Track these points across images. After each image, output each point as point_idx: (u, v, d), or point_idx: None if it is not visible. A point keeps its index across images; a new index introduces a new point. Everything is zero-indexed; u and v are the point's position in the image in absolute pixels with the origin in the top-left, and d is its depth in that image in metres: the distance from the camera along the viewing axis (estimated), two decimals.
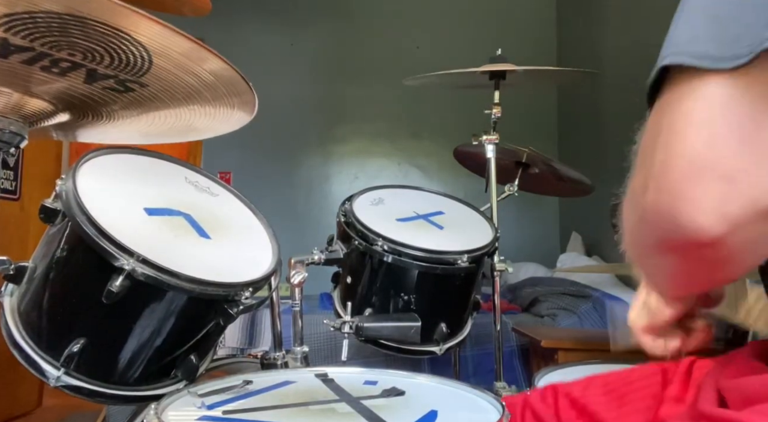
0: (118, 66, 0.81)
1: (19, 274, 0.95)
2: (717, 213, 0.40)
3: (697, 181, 0.41)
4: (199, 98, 0.90)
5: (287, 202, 4.30)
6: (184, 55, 0.79)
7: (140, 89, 0.88)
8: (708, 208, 0.40)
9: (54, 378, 0.90)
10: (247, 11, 4.26)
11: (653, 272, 0.54)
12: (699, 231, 0.41)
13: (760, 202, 0.40)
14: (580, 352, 1.73)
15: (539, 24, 4.57)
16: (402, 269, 1.30)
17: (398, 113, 4.42)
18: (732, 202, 0.40)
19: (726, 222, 0.40)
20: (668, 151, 0.42)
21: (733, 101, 0.40)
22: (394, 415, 0.78)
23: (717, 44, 0.41)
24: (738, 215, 0.40)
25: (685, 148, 0.41)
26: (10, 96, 0.88)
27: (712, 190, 0.40)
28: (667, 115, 0.43)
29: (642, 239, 0.48)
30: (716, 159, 0.40)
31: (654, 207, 0.43)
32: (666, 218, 0.43)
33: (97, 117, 0.99)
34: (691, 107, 0.41)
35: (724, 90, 0.41)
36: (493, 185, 1.77)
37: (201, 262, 0.96)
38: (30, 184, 2.93)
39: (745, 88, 0.40)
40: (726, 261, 0.45)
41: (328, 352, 2.11)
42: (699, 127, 0.41)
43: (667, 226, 0.43)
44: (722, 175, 0.40)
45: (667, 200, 0.42)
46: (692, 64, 0.41)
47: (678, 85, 0.42)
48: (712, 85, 0.41)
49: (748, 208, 0.40)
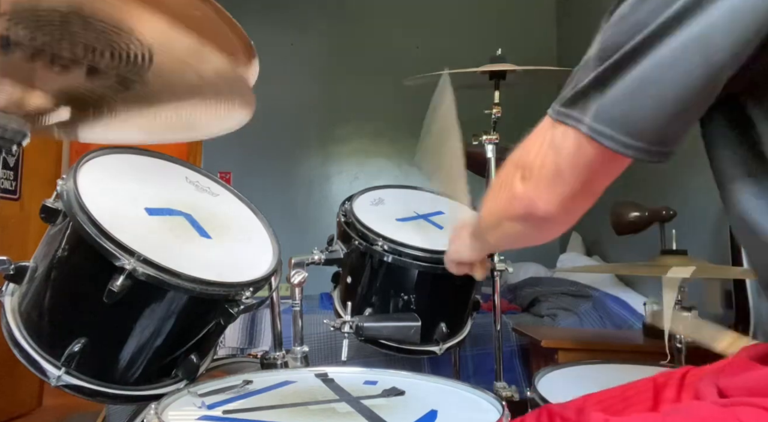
0: (119, 62, 0.82)
1: (20, 274, 0.95)
2: (560, 205, 0.66)
3: (552, 188, 0.66)
4: (199, 95, 0.90)
5: (287, 202, 4.30)
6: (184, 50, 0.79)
7: (141, 86, 0.88)
8: (554, 202, 0.66)
9: (55, 378, 0.90)
10: (247, 11, 4.26)
11: (500, 232, 0.77)
12: (546, 213, 0.66)
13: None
14: (580, 352, 1.73)
15: (539, 24, 4.56)
16: (402, 269, 1.30)
17: (398, 113, 4.41)
18: (567, 201, 0.66)
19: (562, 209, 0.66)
20: (542, 162, 0.65)
21: (576, 151, 0.62)
22: (394, 415, 0.78)
23: (568, 105, 0.62)
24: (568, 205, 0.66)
25: (551, 165, 0.64)
26: (13, 93, 0.88)
27: (558, 195, 0.66)
28: (550, 139, 0.64)
29: (503, 211, 0.73)
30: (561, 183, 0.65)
31: (523, 196, 0.68)
32: (530, 204, 0.67)
33: (98, 114, 0.99)
34: (561, 141, 0.63)
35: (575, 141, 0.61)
36: None
37: (201, 262, 0.96)
38: (30, 184, 2.93)
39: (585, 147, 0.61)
40: (552, 228, 0.71)
41: (328, 352, 2.11)
42: (560, 158, 0.63)
43: (529, 208, 0.67)
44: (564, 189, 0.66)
45: (534, 195, 0.66)
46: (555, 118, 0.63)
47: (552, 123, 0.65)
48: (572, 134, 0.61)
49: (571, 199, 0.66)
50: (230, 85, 0.87)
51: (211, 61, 0.81)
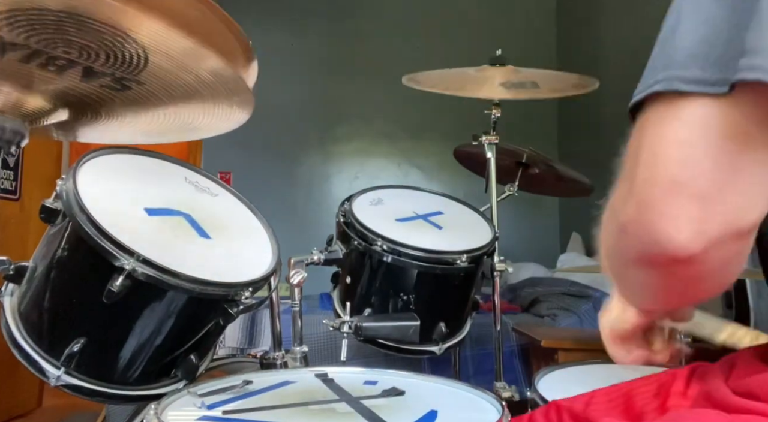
0: (114, 63, 0.81)
1: (20, 274, 0.95)
2: (694, 231, 0.42)
3: (674, 199, 0.42)
4: (197, 96, 0.90)
5: (287, 202, 4.30)
6: (181, 53, 0.79)
7: (137, 87, 0.88)
8: (685, 226, 0.42)
9: (54, 378, 0.90)
10: (247, 11, 4.26)
11: (628, 284, 0.55)
12: (676, 247, 0.42)
13: (735, 223, 0.42)
14: (580, 352, 1.72)
15: (539, 24, 4.57)
16: (401, 269, 1.30)
17: (398, 113, 4.42)
18: (707, 222, 0.42)
19: (702, 240, 0.42)
20: (649, 168, 0.43)
21: (713, 124, 0.41)
22: (394, 415, 0.78)
23: (703, 65, 0.41)
24: (713, 234, 0.42)
25: (663, 168, 0.42)
26: (10, 94, 0.88)
27: (688, 208, 0.42)
28: (648, 134, 0.44)
29: (620, 252, 0.49)
30: (692, 178, 0.41)
31: (634, 221, 0.45)
32: (645, 233, 0.44)
33: (96, 115, 0.99)
34: (672, 127, 0.42)
35: (705, 112, 0.41)
36: (493, 185, 1.77)
37: (201, 262, 0.96)
38: (30, 184, 2.93)
39: (726, 112, 0.41)
40: (700, 278, 0.46)
41: (327, 352, 2.11)
42: (677, 148, 0.42)
43: (646, 241, 0.44)
44: (698, 195, 0.41)
45: (647, 216, 0.43)
46: (682, 90, 0.42)
47: (661, 104, 0.43)
48: (694, 106, 0.41)
49: (724, 228, 0.42)
50: (228, 86, 0.87)
51: (208, 62, 0.81)
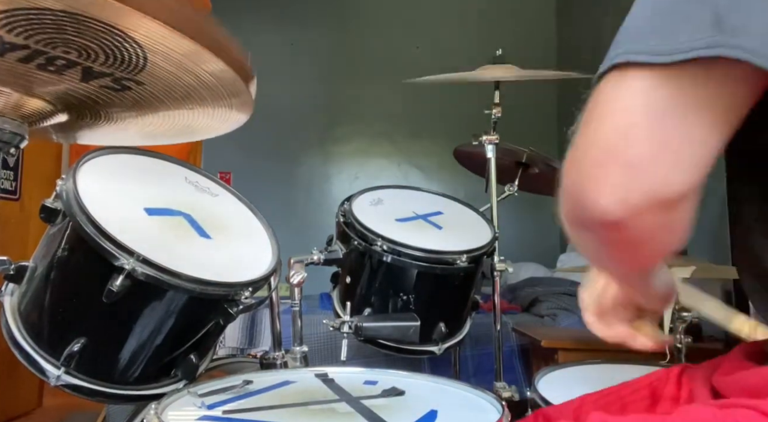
0: (113, 63, 0.81)
1: (20, 274, 0.95)
2: (617, 198, 0.43)
3: (604, 165, 0.43)
4: (197, 97, 0.90)
5: (287, 202, 4.30)
6: (180, 53, 0.79)
7: (137, 88, 0.88)
8: (609, 193, 0.43)
9: (54, 378, 0.90)
10: (247, 11, 4.26)
11: (578, 246, 0.55)
12: (601, 212, 0.44)
13: (658, 194, 0.42)
14: (580, 352, 1.72)
15: (539, 24, 4.57)
16: (401, 269, 1.30)
17: (398, 113, 4.42)
18: (632, 190, 0.42)
19: (625, 207, 0.43)
20: (587, 135, 0.45)
21: (655, 93, 0.42)
22: (394, 415, 0.78)
23: (658, 36, 0.42)
24: (636, 203, 0.43)
25: (600, 133, 0.44)
26: (10, 95, 0.88)
27: (615, 175, 0.43)
28: (598, 102, 0.45)
29: (564, 214, 0.50)
30: (623, 146, 0.42)
31: (571, 185, 0.46)
32: (577, 196, 0.45)
33: (96, 117, 0.99)
34: (616, 96, 0.43)
35: (649, 83, 0.42)
36: (493, 185, 1.77)
37: (201, 262, 0.96)
38: (30, 184, 2.93)
39: (670, 84, 0.42)
40: (631, 243, 0.47)
41: (327, 352, 2.11)
42: (616, 115, 0.43)
43: (577, 204, 0.46)
44: (626, 163, 0.42)
45: (578, 180, 0.45)
46: (636, 61, 0.42)
47: (614, 76, 0.44)
48: (640, 77, 0.42)
49: (646, 198, 0.43)
50: (228, 87, 0.87)
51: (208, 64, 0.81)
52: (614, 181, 0.43)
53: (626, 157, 0.42)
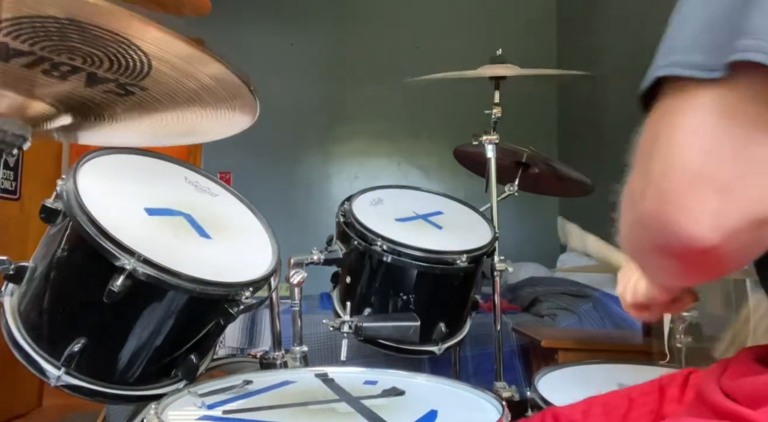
0: (117, 70, 0.82)
1: (20, 274, 0.95)
2: (713, 224, 0.41)
3: (693, 191, 0.41)
4: (200, 101, 0.90)
5: (287, 202, 4.30)
6: (184, 59, 0.79)
7: (140, 92, 0.88)
8: (704, 219, 0.41)
9: (54, 378, 0.90)
10: (247, 11, 4.26)
11: (647, 269, 0.54)
12: (695, 241, 0.42)
13: (754, 213, 0.41)
14: (580, 352, 1.73)
15: (539, 24, 4.56)
16: (401, 269, 1.30)
17: (398, 113, 4.42)
18: (727, 214, 0.41)
19: (721, 232, 0.41)
20: (666, 161, 0.42)
21: (726, 111, 0.41)
22: (394, 415, 0.78)
23: (707, 53, 0.41)
24: (733, 226, 0.41)
25: (682, 158, 0.42)
26: (14, 99, 0.89)
27: (708, 201, 0.41)
28: (664, 124, 0.43)
29: (640, 242, 0.48)
30: (712, 170, 0.41)
31: (652, 214, 0.44)
32: (663, 226, 0.43)
33: (99, 119, 0.99)
34: (686, 117, 0.42)
35: (716, 100, 0.41)
36: (493, 185, 1.77)
37: (201, 262, 0.96)
38: (30, 184, 2.93)
39: (736, 98, 0.40)
40: (719, 264, 0.46)
41: (328, 352, 2.11)
42: (694, 137, 0.41)
43: (664, 234, 0.43)
44: (718, 187, 0.41)
45: (665, 209, 0.43)
46: (685, 75, 0.41)
47: (674, 94, 0.42)
48: (705, 95, 0.41)
49: (742, 219, 0.41)
50: (231, 92, 0.87)
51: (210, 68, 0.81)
52: (708, 207, 0.41)
53: (716, 180, 0.41)
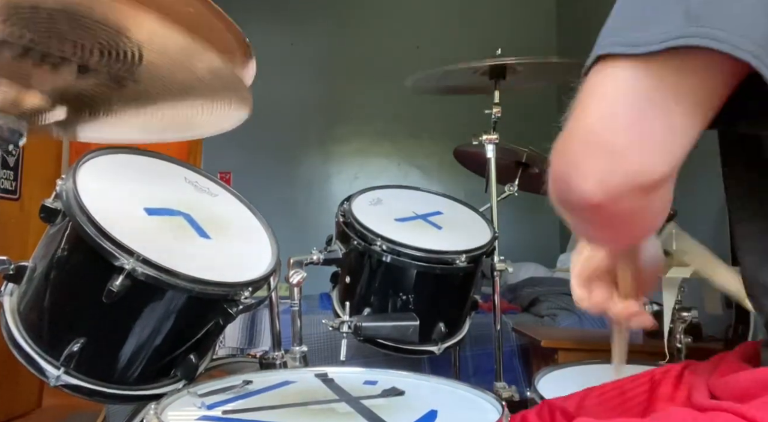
0: (108, 59, 0.81)
1: (19, 274, 0.95)
2: (598, 182, 0.45)
3: (585, 152, 0.46)
4: (194, 94, 0.90)
5: (287, 202, 4.30)
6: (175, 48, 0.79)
7: (134, 84, 0.88)
8: (591, 177, 0.46)
9: (54, 378, 0.90)
10: (247, 11, 4.26)
11: (568, 222, 0.58)
12: (583, 196, 0.46)
13: (637, 179, 0.45)
14: (580, 352, 1.72)
15: (539, 24, 4.57)
16: (400, 269, 1.30)
17: (398, 113, 4.42)
18: (612, 175, 0.45)
19: (605, 191, 0.45)
20: (575, 123, 0.47)
21: (636, 83, 0.44)
22: (394, 415, 0.78)
23: (637, 29, 0.44)
24: (616, 187, 0.45)
25: (584, 121, 0.46)
26: (8, 92, 0.88)
27: (597, 161, 0.45)
28: (583, 92, 0.47)
29: (552, 195, 0.53)
30: (606, 134, 0.45)
31: (556, 169, 0.50)
32: (561, 181, 0.49)
33: (94, 113, 0.99)
34: (599, 85, 0.46)
35: (630, 72, 0.44)
36: (493, 185, 1.77)
37: (200, 262, 0.96)
38: (30, 184, 2.93)
39: (649, 74, 0.44)
40: (612, 224, 0.51)
41: (328, 352, 2.11)
42: (599, 104, 0.46)
43: (562, 188, 0.49)
44: (607, 150, 0.45)
45: (564, 165, 0.48)
46: (619, 52, 0.45)
47: (601, 66, 0.46)
48: (621, 67, 0.45)
49: (626, 183, 0.45)
50: (226, 84, 0.86)
51: (205, 60, 0.80)
52: (596, 167, 0.45)
53: (608, 144, 0.45)
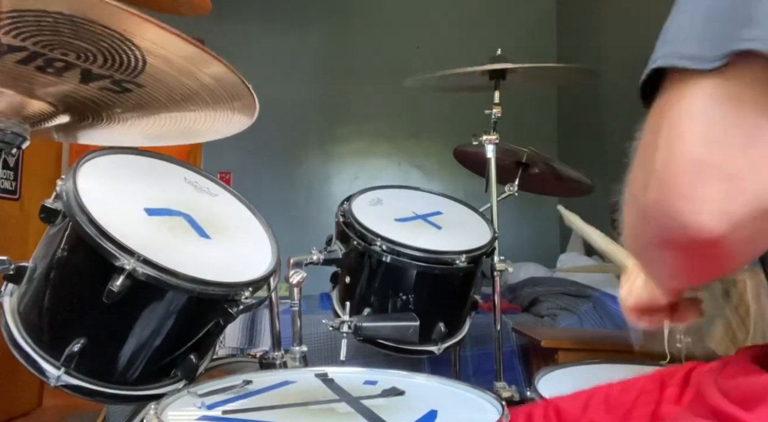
0: (111, 66, 0.81)
1: (19, 274, 0.95)
2: (719, 212, 0.40)
3: (698, 180, 0.41)
4: (198, 100, 0.90)
5: (287, 202, 4.30)
6: (179, 56, 0.79)
7: (137, 90, 0.88)
8: (710, 208, 0.41)
9: (54, 378, 0.90)
10: (247, 11, 4.26)
11: (654, 266, 0.54)
12: (702, 230, 0.41)
13: (761, 202, 0.41)
14: (580, 352, 1.72)
15: (539, 24, 4.57)
16: (400, 269, 1.30)
17: (398, 113, 4.42)
18: (733, 201, 0.40)
19: (728, 221, 0.41)
20: (669, 150, 0.42)
21: (728, 100, 0.40)
22: (394, 415, 0.78)
23: (706, 44, 0.41)
24: (739, 214, 0.41)
25: (685, 147, 0.41)
26: (12, 97, 0.88)
27: (713, 189, 0.40)
28: (666, 115, 0.43)
29: (643, 236, 0.48)
30: (716, 158, 0.40)
31: (656, 205, 0.43)
32: (668, 217, 0.43)
33: (97, 119, 0.99)
34: (689, 107, 0.41)
35: (718, 90, 0.41)
36: (493, 185, 1.77)
37: (201, 262, 0.96)
38: (30, 184, 2.93)
39: (737, 88, 0.40)
40: (726, 257, 0.45)
41: (328, 352, 2.11)
42: (698, 127, 0.41)
43: (670, 225, 0.43)
44: (723, 175, 0.40)
45: (669, 199, 0.42)
46: (683, 66, 0.41)
47: (675, 85, 0.42)
48: (707, 85, 0.41)
49: (749, 208, 0.41)
50: (229, 90, 0.87)
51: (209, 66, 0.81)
52: (714, 196, 0.41)
53: (723, 169, 0.40)
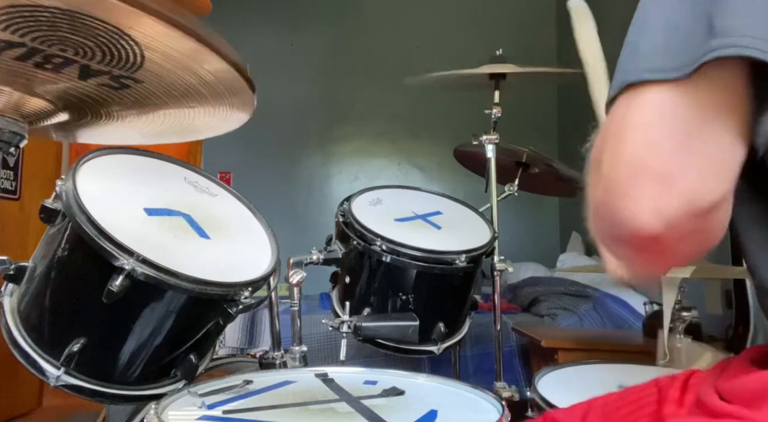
0: (110, 61, 0.81)
1: (19, 274, 0.95)
2: (653, 211, 0.44)
3: (635, 181, 0.44)
4: (196, 96, 0.90)
5: (287, 202, 4.30)
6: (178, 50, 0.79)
7: (136, 86, 0.88)
8: (645, 206, 0.44)
9: (54, 378, 0.90)
10: (247, 11, 4.26)
11: (615, 256, 0.57)
12: (639, 227, 0.45)
13: (692, 203, 0.44)
14: (580, 352, 1.72)
15: (539, 24, 4.56)
16: (400, 269, 1.30)
17: (398, 113, 4.42)
18: (667, 202, 0.43)
19: (662, 220, 0.44)
20: (614, 154, 0.46)
21: (674, 108, 0.43)
22: (394, 415, 0.78)
23: (665, 55, 0.44)
24: (672, 213, 0.44)
25: (626, 150, 0.45)
26: (11, 95, 0.88)
27: (648, 190, 0.44)
28: (614, 121, 0.46)
29: (599, 232, 0.52)
30: (653, 161, 0.43)
31: (602, 205, 0.48)
32: (612, 215, 0.47)
33: (96, 116, 0.99)
34: (634, 113, 0.45)
35: (666, 97, 0.43)
36: (493, 185, 1.77)
37: (200, 262, 0.96)
38: (30, 184, 2.93)
39: (687, 97, 0.43)
40: (669, 251, 0.49)
41: (328, 352, 2.11)
42: (639, 131, 0.44)
43: (613, 223, 0.47)
44: (658, 176, 0.43)
45: (612, 199, 0.46)
46: (651, 79, 0.44)
47: (628, 95, 0.45)
48: (656, 93, 0.44)
49: (681, 208, 0.44)
50: (228, 86, 0.86)
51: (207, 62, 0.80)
52: (648, 196, 0.44)
53: (657, 171, 0.43)
